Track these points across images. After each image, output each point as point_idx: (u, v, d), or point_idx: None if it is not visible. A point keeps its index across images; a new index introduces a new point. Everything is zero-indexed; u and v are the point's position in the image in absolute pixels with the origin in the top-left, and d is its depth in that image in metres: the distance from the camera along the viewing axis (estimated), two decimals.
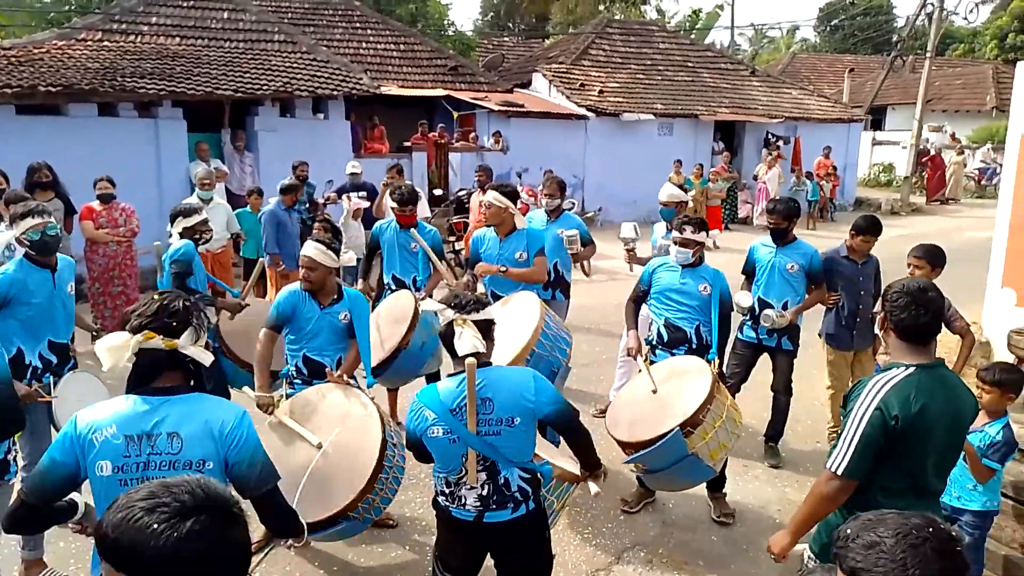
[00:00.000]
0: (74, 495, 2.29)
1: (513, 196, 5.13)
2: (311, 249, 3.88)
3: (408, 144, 13.97)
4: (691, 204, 8.85)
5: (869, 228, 5.05)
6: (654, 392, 3.93)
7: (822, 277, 5.07)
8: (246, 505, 1.70)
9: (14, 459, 3.06)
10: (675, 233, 4.43)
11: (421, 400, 2.77)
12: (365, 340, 4.02)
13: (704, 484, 4.52)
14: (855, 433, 2.42)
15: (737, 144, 18.70)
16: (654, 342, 4.57)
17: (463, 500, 2.76)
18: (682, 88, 18.47)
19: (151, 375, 2.19)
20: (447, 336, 2.75)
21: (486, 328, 2.78)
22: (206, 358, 2.24)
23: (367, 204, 8.47)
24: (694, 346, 4.38)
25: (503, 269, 4.97)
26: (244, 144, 11.36)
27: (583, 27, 22.68)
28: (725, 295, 4.41)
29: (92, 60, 10.70)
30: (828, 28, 42.44)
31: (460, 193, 12.61)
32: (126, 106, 10.23)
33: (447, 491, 2.80)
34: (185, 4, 13.44)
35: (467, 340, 2.67)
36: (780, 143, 17.87)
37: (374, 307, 5.12)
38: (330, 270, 3.94)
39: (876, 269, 5.18)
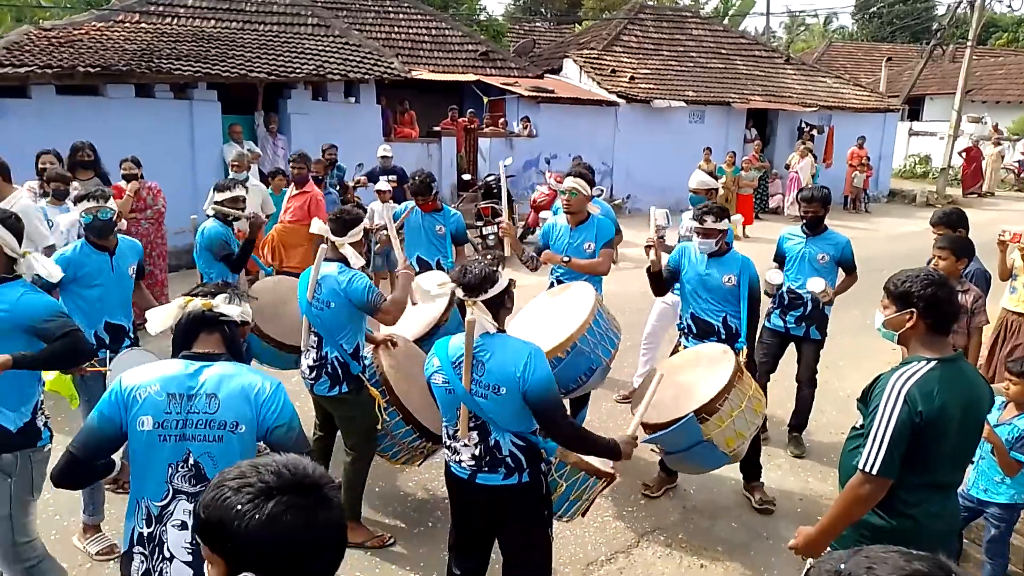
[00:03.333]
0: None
1: (590, 181, 5.10)
2: None
3: (438, 129, 14.03)
4: (722, 192, 8.76)
5: (939, 220, 4.70)
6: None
7: (854, 265, 5.04)
8: None
9: (45, 425, 3.08)
10: (695, 224, 4.34)
11: (435, 349, 2.95)
12: None
13: (739, 473, 4.56)
14: (885, 430, 2.38)
15: (770, 133, 18.46)
16: (684, 329, 4.53)
17: (459, 456, 2.89)
18: (715, 75, 18.26)
19: (191, 336, 2.33)
20: (461, 306, 2.86)
21: (498, 301, 2.84)
22: (241, 313, 2.42)
23: (388, 187, 8.66)
24: (723, 337, 4.30)
25: (567, 260, 4.93)
26: (277, 127, 11.49)
27: (615, 13, 22.48)
28: (754, 282, 4.30)
29: (130, 42, 10.88)
30: (866, 16, 41.54)
31: (489, 179, 12.66)
32: (162, 88, 10.40)
33: (448, 443, 2.95)
34: None
35: (480, 322, 2.77)
36: (814, 132, 17.61)
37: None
38: None
39: (978, 273, 4.52)
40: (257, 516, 1.24)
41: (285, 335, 4.45)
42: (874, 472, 2.39)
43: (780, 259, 5.18)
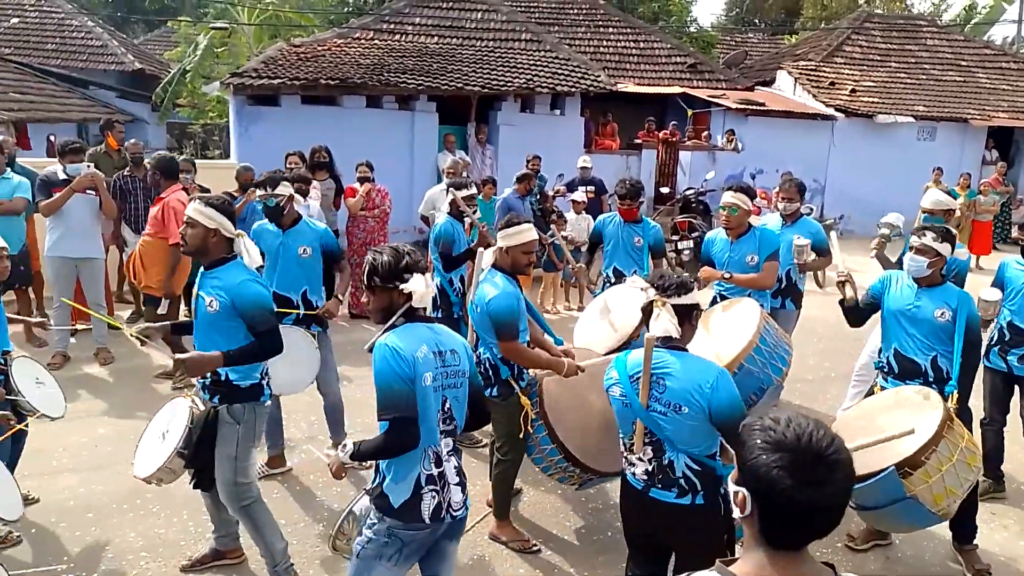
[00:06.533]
0: None
1: (751, 195, 5.00)
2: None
3: (638, 141, 14.01)
4: (958, 213, 7.95)
5: None
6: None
7: None
8: None
9: (267, 383, 3.51)
10: (913, 238, 3.84)
11: (615, 361, 2.97)
12: None
13: (949, 532, 4.10)
14: None
15: (1015, 153, 16.40)
16: (884, 367, 4.03)
17: (634, 468, 2.87)
18: (950, 89, 16.56)
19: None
20: (647, 312, 2.84)
21: (686, 312, 2.80)
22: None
23: (583, 198, 8.87)
24: (931, 379, 3.78)
25: (727, 275, 4.84)
26: (486, 137, 12.10)
27: (837, 22, 21.12)
28: (973, 320, 3.73)
29: (364, 57, 12.00)
30: None
31: (687, 192, 12.42)
32: (389, 99, 11.36)
33: (624, 453, 2.95)
34: (445, 5, 14.54)
35: (662, 322, 2.73)
36: None
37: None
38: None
39: None
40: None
41: None
42: None
43: (999, 288, 4.62)
